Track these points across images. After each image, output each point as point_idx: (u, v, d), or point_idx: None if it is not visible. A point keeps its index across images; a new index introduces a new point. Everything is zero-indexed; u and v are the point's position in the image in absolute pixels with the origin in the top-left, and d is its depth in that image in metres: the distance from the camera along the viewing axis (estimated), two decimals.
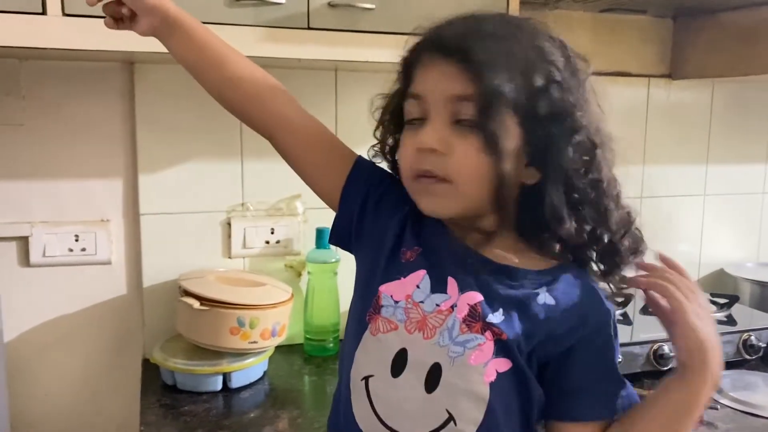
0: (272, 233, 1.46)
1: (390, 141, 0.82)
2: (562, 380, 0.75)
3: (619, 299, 0.79)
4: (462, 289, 0.74)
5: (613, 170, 0.75)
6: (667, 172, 1.76)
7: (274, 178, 1.45)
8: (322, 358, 1.43)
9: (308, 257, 1.45)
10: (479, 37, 0.70)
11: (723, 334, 1.38)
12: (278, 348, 1.38)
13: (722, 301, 1.56)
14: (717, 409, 1.19)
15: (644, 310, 1.56)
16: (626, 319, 1.50)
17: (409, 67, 0.76)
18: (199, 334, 1.25)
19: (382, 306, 0.76)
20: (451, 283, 0.75)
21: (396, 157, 0.82)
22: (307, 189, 1.45)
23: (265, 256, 1.46)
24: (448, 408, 0.72)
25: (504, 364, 0.72)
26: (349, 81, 1.46)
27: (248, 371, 1.27)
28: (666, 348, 1.31)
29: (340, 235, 0.87)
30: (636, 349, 1.31)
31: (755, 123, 1.85)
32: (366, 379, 0.76)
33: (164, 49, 1.07)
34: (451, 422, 0.72)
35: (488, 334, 0.72)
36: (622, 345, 1.29)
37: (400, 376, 0.74)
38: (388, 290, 0.76)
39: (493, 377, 0.72)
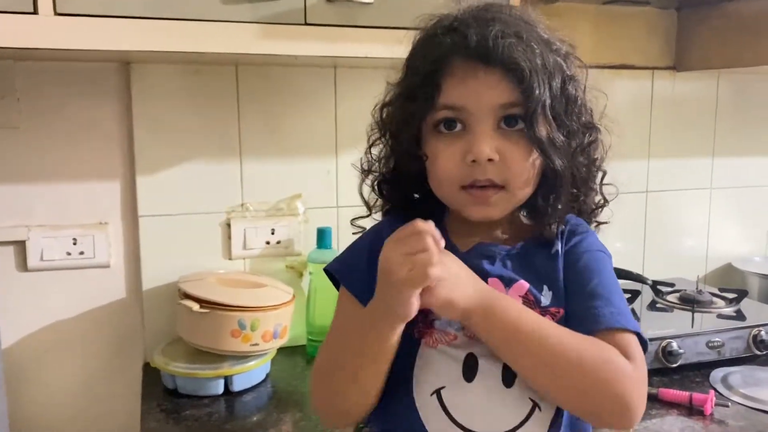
0: (273, 234, 1.44)
1: (404, 151, 0.79)
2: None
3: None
4: (507, 284, 0.76)
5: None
6: (672, 166, 1.74)
7: (273, 178, 1.43)
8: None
9: (309, 257, 1.43)
10: (516, 43, 0.71)
11: (732, 329, 1.36)
12: (281, 350, 1.36)
13: (731, 296, 1.54)
14: (728, 406, 1.17)
15: (652, 307, 1.54)
16: (634, 315, 1.48)
17: (434, 74, 0.74)
18: (199, 337, 1.24)
19: (434, 320, 0.76)
20: (494, 283, 0.76)
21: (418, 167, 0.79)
22: (307, 189, 1.45)
23: (266, 256, 1.45)
24: (531, 396, 0.73)
25: None
26: (348, 77, 1.44)
27: (250, 374, 1.26)
28: (675, 345, 1.29)
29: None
30: None
31: (762, 115, 1.82)
32: (437, 392, 0.75)
33: (160, 48, 1.06)
34: (536, 409, 0.73)
35: (548, 317, 0.74)
36: None
37: (474, 380, 0.74)
38: None
39: None
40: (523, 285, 0.76)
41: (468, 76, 0.72)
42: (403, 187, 0.84)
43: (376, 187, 0.85)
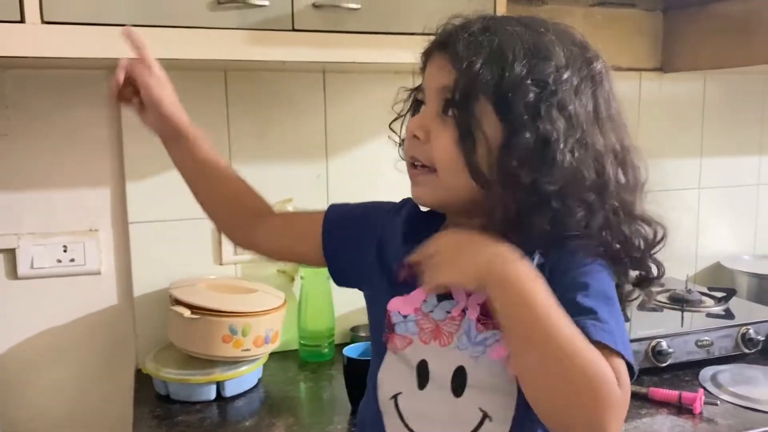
0: None
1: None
2: None
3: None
4: (469, 292, 0.74)
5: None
6: (661, 166, 1.75)
7: (264, 182, 1.41)
8: (317, 364, 1.41)
9: None
10: (468, 29, 0.71)
11: (721, 328, 1.37)
12: (273, 354, 1.36)
13: (720, 294, 1.55)
14: (717, 404, 1.18)
15: (641, 307, 1.54)
16: (624, 316, 1.49)
17: (424, 62, 0.78)
18: (191, 343, 1.24)
19: (394, 324, 0.77)
20: (456, 288, 0.75)
21: None
22: (298, 193, 1.45)
23: (257, 261, 1.44)
24: (481, 406, 0.73)
25: None
26: (337, 82, 1.44)
27: (242, 379, 1.26)
28: (664, 344, 1.30)
29: (342, 282, 0.89)
30: (634, 346, 1.30)
31: (748, 114, 1.84)
32: (395, 397, 0.77)
33: None
34: (487, 419, 0.72)
35: None
36: None
37: (425, 388, 0.75)
38: (395, 306, 0.77)
39: None
40: (484, 294, 0.69)
41: (430, 60, 0.75)
42: None
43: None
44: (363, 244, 0.84)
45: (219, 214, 0.94)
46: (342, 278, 0.89)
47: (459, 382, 0.73)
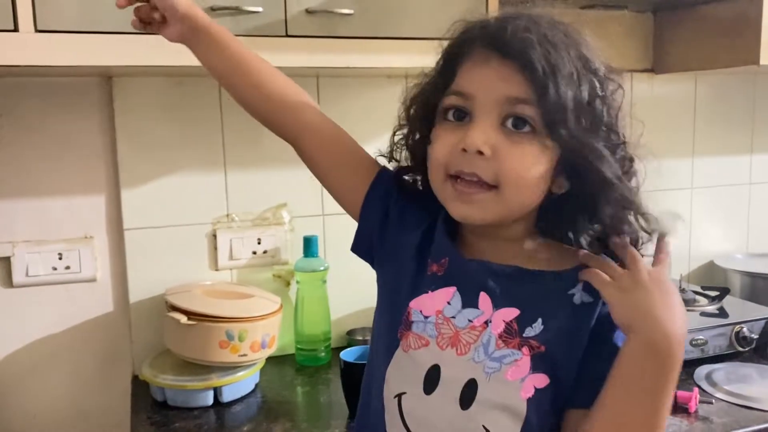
0: (259, 243, 1.44)
1: (417, 136, 0.79)
2: (583, 369, 0.73)
3: None
4: (496, 305, 0.73)
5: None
6: (653, 167, 1.76)
7: (258, 188, 1.44)
8: (314, 368, 1.42)
9: (296, 266, 1.43)
10: (538, 41, 0.67)
11: (715, 327, 1.38)
12: (270, 359, 1.37)
13: (713, 293, 1.56)
14: (712, 403, 1.19)
15: None
16: None
17: (453, 60, 0.73)
18: (187, 349, 1.24)
19: (412, 322, 0.75)
20: (483, 298, 0.73)
21: (424, 153, 0.77)
22: (293, 198, 1.46)
23: (253, 266, 1.45)
24: (484, 424, 0.71)
25: (542, 380, 0.71)
26: (331, 87, 1.44)
27: (239, 385, 1.26)
28: None
29: (361, 247, 0.85)
30: None
31: (739, 114, 1.85)
32: (399, 396, 0.74)
33: (141, 62, 1.06)
34: None
35: (525, 349, 0.71)
36: None
37: (433, 393, 0.73)
38: (418, 305, 0.75)
39: (531, 393, 0.71)
40: (513, 312, 0.72)
41: (482, 64, 0.70)
42: (414, 176, 0.82)
43: (395, 177, 0.83)
44: (405, 221, 0.80)
45: (263, 111, 0.88)
46: (363, 241, 0.83)
47: (468, 394, 0.71)
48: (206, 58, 0.88)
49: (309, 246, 1.41)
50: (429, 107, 0.75)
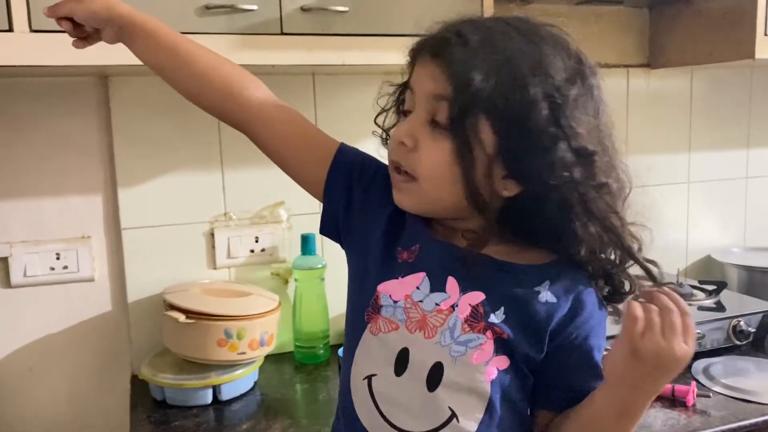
0: (257, 242, 1.45)
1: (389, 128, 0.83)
2: (550, 374, 0.76)
3: (610, 309, 0.78)
4: (463, 289, 0.74)
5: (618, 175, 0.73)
6: (650, 161, 1.76)
7: (255, 186, 1.44)
8: (313, 366, 1.42)
9: (294, 264, 1.43)
10: (466, 39, 0.69)
11: (712, 321, 1.38)
12: (268, 357, 1.37)
13: (710, 287, 1.56)
14: (709, 396, 1.19)
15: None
16: (616, 313, 1.50)
17: (411, 60, 0.76)
18: (186, 348, 1.24)
19: (381, 306, 0.77)
20: (451, 282, 0.75)
21: None
22: (290, 196, 1.46)
23: (251, 265, 1.45)
24: (450, 405, 0.73)
25: (503, 362, 0.74)
26: (327, 85, 1.45)
27: (238, 383, 1.26)
28: None
29: (328, 228, 0.85)
30: None
31: (735, 108, 1.86)
32: (369, 378, 0.76)
33: (136, 62, 1.06)
34: (454, 419, 0.73)
35: (489, 333, 0.73)
36: (611, 337, 1.29)
37: (402, 375, 0.75)
38: (387, 290, 0.77)
39: (494, 375, 0.73)
40: (479, 296, 0.74)
41: (421, 63, 0.74)
42: None
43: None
44: (370, 201, 0.81)
45: (207, 102, 0.87)
46: (330, 222, 0.83)
47: (435, 377, 0.73)
48: (142, 53, 0.86)
49: (307, 244, 1.42)
50: (398, 101, 0.81)
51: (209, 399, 1.23)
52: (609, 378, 0.72)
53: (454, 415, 0.73)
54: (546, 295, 0.74)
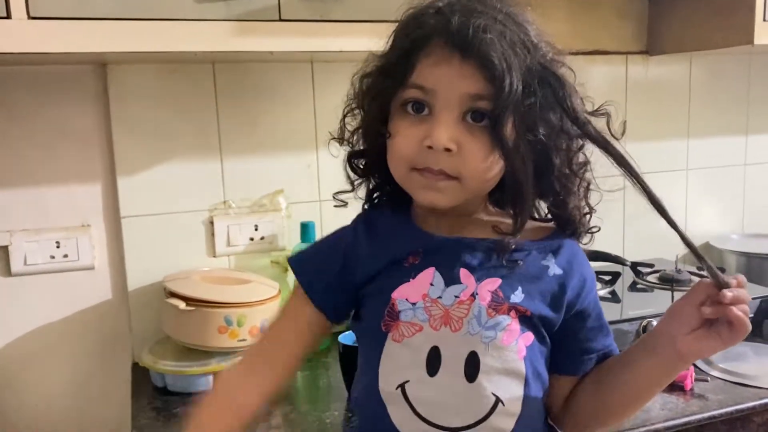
0: (256, 230, 1.45)
1: (371, 123, 0.79)
2: (569, 340, 0.80)
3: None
4: (478, 278, 0.75)
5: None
6: (648, 148, 1.77)
7: (255, 174, 1.44)
8: (312, 352, 1.42)
9: (293, 252, 1.43)
10: (498, 40, 0.69)
11: None
12: None
13: None
14: (707, 381, 1.20)
15: (632, 287, 1.56)
16: (614, 297, 1.51)
17: (410, 52, 0.73)
18: (186, 335, 1.25)
19: (399, 311, 0.76)
20: (464, 273, 0.76)
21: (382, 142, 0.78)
22: (289, 184, 1.46)
23: (250, 253, 1.45)
24: (493, 391, 0.74)
25: (528, 338, 0.76)
26: (325, 72, 1.44)
27: None
28: (655, 323, 1.31)
29: (341, 318, 0.86)
30: (625, 326, 1.32)
31: (734, 95, 1.86)
32: (401, 386, 0.75)
33: (135, 49, 1.06)
34: (500, 404, 0.74)
35: (513, 312, 0.75)
36: (611, 323, 1.30)
37: (437, 374, 0.74)
38: (402, 294, 0.76)
39: (524, 352, 0.75)
40: (495, 282, 0.75)
41: (443, 61, 0.71)
42: (369, 164, 0.83)
43: (346, 160, 0.84)
44: (347, 271, 0.81)
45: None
46: (339, 314, 0.84)
47: (472, 367, 0.73)
48: None
49: (306, 232, 1.42)
50: (385, 96, 0.76)
51: (210, 385, 1.24)
52: (684, 353, 0.75)
53: (498, 400, 0.73)
54: (554, 269, 0.78)
